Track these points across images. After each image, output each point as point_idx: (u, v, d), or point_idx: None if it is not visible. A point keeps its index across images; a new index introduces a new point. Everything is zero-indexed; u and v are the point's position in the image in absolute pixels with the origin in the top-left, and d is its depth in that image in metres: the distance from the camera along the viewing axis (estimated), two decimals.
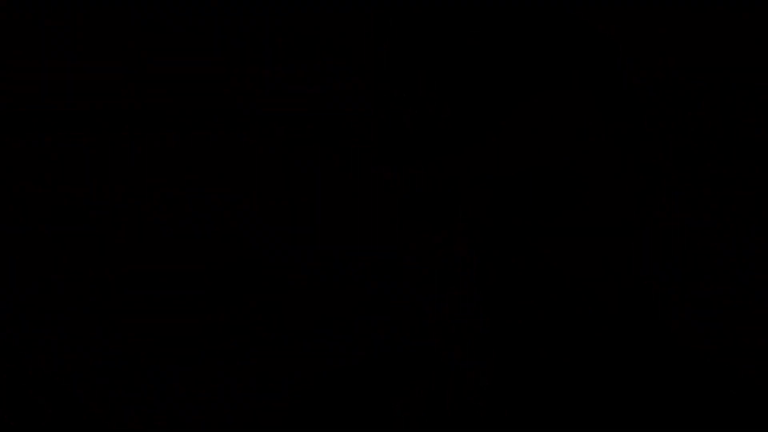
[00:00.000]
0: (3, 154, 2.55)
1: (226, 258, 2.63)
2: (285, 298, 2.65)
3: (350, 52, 2.64)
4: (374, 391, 1.06)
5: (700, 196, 2.70)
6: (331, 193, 2.65)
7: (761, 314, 2.66)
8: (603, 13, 2.57)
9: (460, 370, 0.92)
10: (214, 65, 2.63)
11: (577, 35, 0.90)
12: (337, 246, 2.65)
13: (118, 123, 2.58)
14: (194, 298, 2.61)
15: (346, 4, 2.64)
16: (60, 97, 2.56)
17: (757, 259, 2.68)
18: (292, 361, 2.62)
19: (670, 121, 2.70)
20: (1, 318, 2.53)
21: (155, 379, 2.57)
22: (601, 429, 0.93)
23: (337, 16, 2.65)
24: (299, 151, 2.65)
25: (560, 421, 0.93)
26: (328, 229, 2.64)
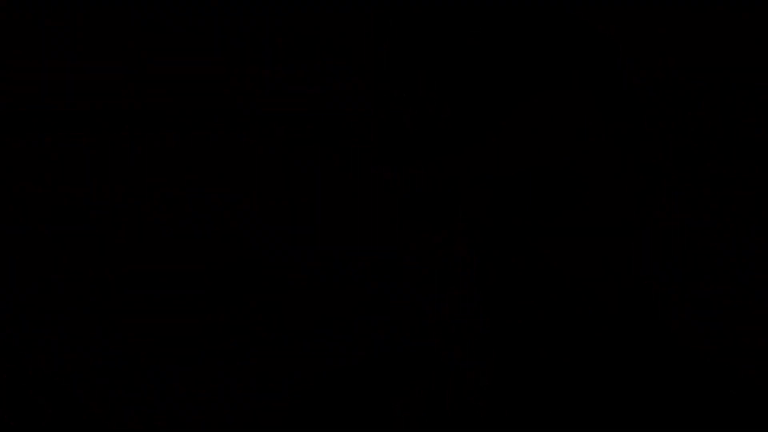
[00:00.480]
0: (3, 154, 2.55)
1: (226, 258, 2.63)
2: (285, 298, 2.65)
3: (350, 52, 2.64)
4: (374, 391, 1.06)
5: (700, 196, 2.70)
6: (331, 193, 2.64)
7: (761, 314, 2.66)
8: (603, 13, 2.57)
9: (460, 370, 0.92)
10: (214, 65, 2.63)
11: (577, 35, 0.90)
12: (337, 246, 2.65)
13: (118, 123, 2.58)
14: (194, 298, 2.61)
15: (346, 4, 2.64)
16: (60, 97, 2.56)
17: (757, 259, 2.68)
18: (292, 361, 2.62)
19: (670, 121, 2.70)
20: (1, 318, 2.53)
21: (155, 379, 2.56)
22: (601, 429, 0.93)
23: (337, 16, 2.65)
24: (299, 151, 2.65)
25: (560, 421, 0.93)
26: (328, 229, 2.64)
